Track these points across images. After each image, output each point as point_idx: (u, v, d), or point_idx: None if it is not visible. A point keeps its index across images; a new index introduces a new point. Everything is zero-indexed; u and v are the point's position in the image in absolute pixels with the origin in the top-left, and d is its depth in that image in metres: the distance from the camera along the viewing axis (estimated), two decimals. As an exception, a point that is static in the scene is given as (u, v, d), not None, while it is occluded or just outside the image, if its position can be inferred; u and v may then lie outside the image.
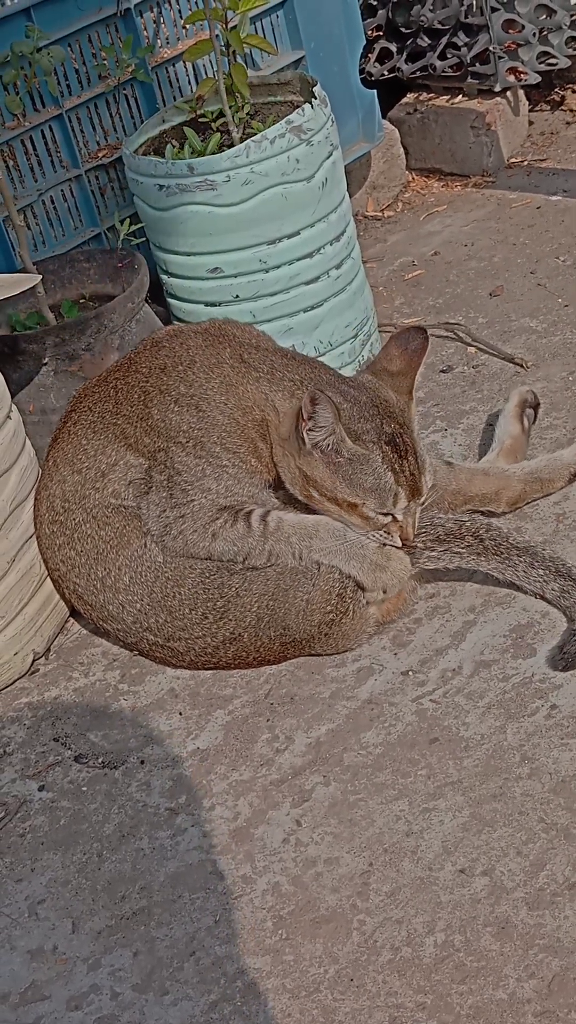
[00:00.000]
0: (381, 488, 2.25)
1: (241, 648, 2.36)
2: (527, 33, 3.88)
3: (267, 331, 2.90)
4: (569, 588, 2.31)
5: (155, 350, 2.47)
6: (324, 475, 2.27)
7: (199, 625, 2.35)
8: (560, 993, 1.74)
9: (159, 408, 2.38)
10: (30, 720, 2.44)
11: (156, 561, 2.36)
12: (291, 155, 2.87)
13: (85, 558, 2.42)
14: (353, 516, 2.29)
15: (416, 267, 3.65)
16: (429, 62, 4.00)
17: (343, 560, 2.31)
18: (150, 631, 2.40)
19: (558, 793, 2.01)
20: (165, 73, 3.32)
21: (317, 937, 1.90)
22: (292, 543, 2.31)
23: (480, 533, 2.36)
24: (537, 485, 2.57)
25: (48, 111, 3.12)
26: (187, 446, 2.34)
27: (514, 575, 2.34)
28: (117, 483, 2.39)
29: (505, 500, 2.54)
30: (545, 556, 2.34)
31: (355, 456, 2.25)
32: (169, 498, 2.34)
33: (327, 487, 2.28)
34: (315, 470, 2.28)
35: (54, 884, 2.10)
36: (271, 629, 2.34)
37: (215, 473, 2.33)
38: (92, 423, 2.45)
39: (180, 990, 1.88)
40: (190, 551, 2.34)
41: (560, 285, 3.37)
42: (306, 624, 2.33)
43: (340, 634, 2.36)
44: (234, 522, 2.31)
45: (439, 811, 2.04)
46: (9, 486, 2.47)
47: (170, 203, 2.91)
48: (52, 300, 2.95)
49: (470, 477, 2.51)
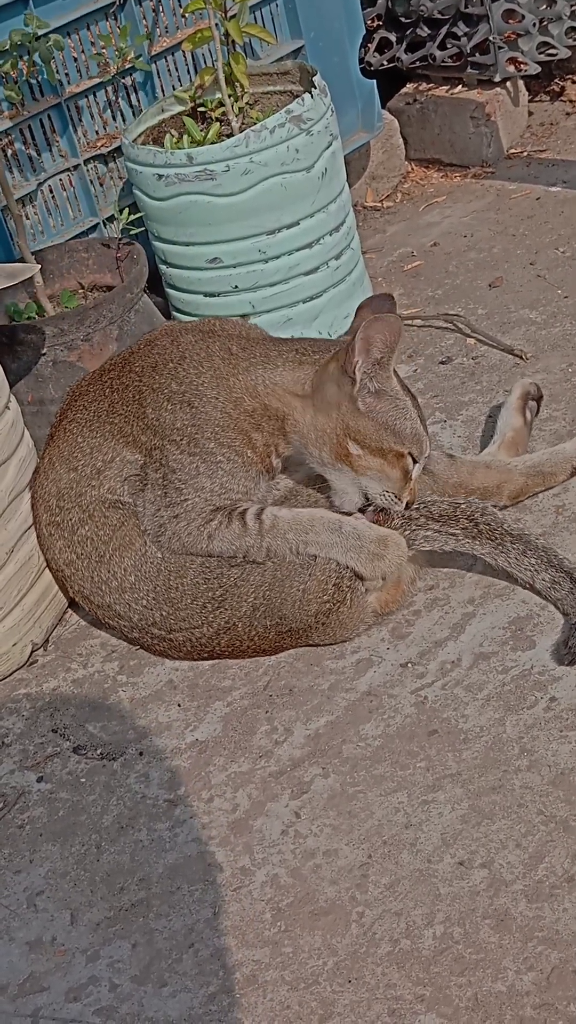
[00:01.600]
0: (417, 435, 2.31)
1: (235, 637, 2.36)
2: (527, 23, 3.87)
3: (266, 321, 2.92)
4: (560, 579, 2.32)
5: (148, 348, 2.47)
6: (369, 427, 2.29)
7: (199, 615, 2.35)
8: (559, 985, 1.74)
9: (153, 406, 2.38)
10: (28, 711, 2.44)
11: (156, 557, 2.36)
12: (291, 145, 2.87)
13: (87, 561, 2.42)
14: (395, 469, 2.30)
15: (415, 258, 3.64)
16: (429, 52, 3.99)
17: (340, 552, 2.32)
18: (156, 625, 2.40)
19: (557, 785, 2.01)
20: (164, 62, 3.31)
21: (316, 929, 1.90)
22: (288, 539, 2.31)
23: (475, 516, 2.37)
24: (539, 479, 2.57)
25: (47, 100, 3.11)
26: (181, 443, 2.34)
27: (506, 561, 2.35)
28: (113, 480, 2.39)
29: (507, 494, 2.55)
30: (538, 545, 2.35)
31: (396, 398, 2.29)
32: (163, 496, 2.34)
33: (372, 438, 2.29)
34: (361, 421, 2.29)
35: (53, 875, 2.10)
36: (266, 619, 2.34)
37: (209, 470, 2.33)
38: (88, 421, 2.45)
39: (179, 982, 1.88)
40: (188, 551, 2.34)
41: (559, 276, 3.36)
42: (302, 614, 2.33)
43: (337, 623, 2.35)
44: (229, 522, 2.31)
45: (438, 803, 2.04)
46: (8, 477, 2.46)
47: (169, 193, 2.90)
48: (51, 290, 2.94)
49: (472, 470, 2.51)
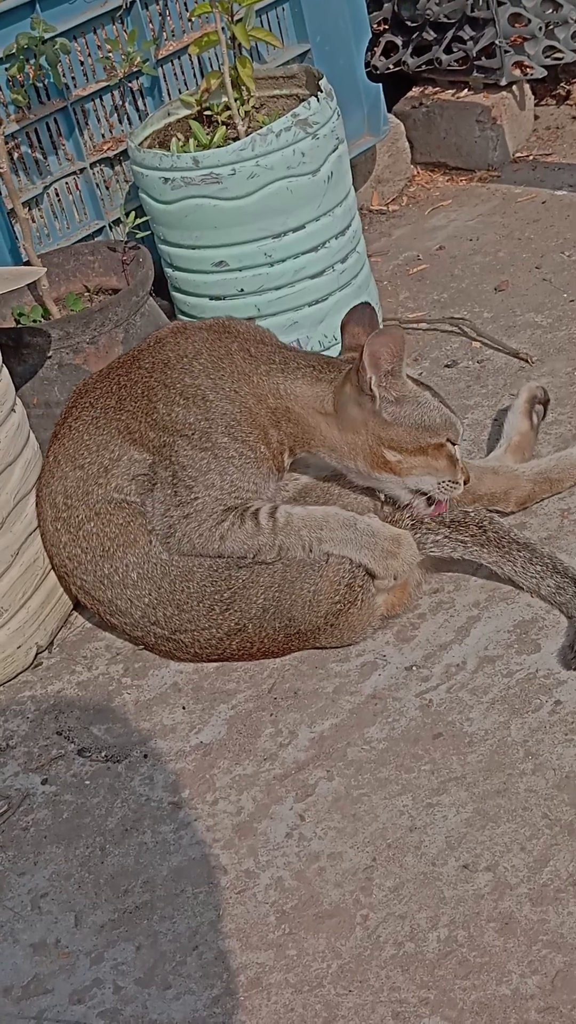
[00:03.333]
0: (448, 420, 2.32)
1: (245, 639, 2.36)
2: (533, 27, 3.87)
3: (272, 325, 2.91)
4: (565, 584, 2.32)
5: (159, 347, 2.46)
6: (400, 432, 2.30)
7: (205, 617, 2.35)
8: (564, 989, 1.74)
9: (164, 402, 2.37)
10: (33, 713, 2.44)
11: (162, 558, 2.36)
12: (297, 148, 2.87)
13: (91, 555, 2.42)
14: (440, 459, 2.31)
15: (421, 261, 3.64)
16: (435, 56, 3.99)
17: (354, 549, 2.31)
18: (158, 624, 2.39)
19: (562, 789, 2.01)
20: (170, 66, 3.32)
21: (320, 932, 1.90)
22: (302, 536, 2.31)
23: (484, 524, 2.38)
24: (546, 485, 2.57)
25: (53, 103, 3.11)
26: (192, 438, 2.33)
27: (512, 570, 2.36)
28: (120, 478, 2.38)
29: (514, 500, 2.55)
30: (543, 553, 2.35)
31: (418, 397, 2.31)
32: (173, 496, 2.33)
33: (408, 441, 2.30)
34: (391, 430, 2.30)
35: (57, 878, 2.10)
36: (276, 620, 2.34)
37: (220, 467, 2.32)
38: (94, 419, 2.44)
39: (183, 984, 1.88)
40: (199, 553, 2.33)
41: (565, 280, 3.36)
42: (312, 615, 2.33)
43: (347, 625, 2.35)
44: (242, 522, 2.30)
45: (443, 806, 2.04)
46: (13, 480, 2.46)
47: (175, 196, 2.91)
48: (56, 293, 2.95)
49: (480, 476, 2.51)
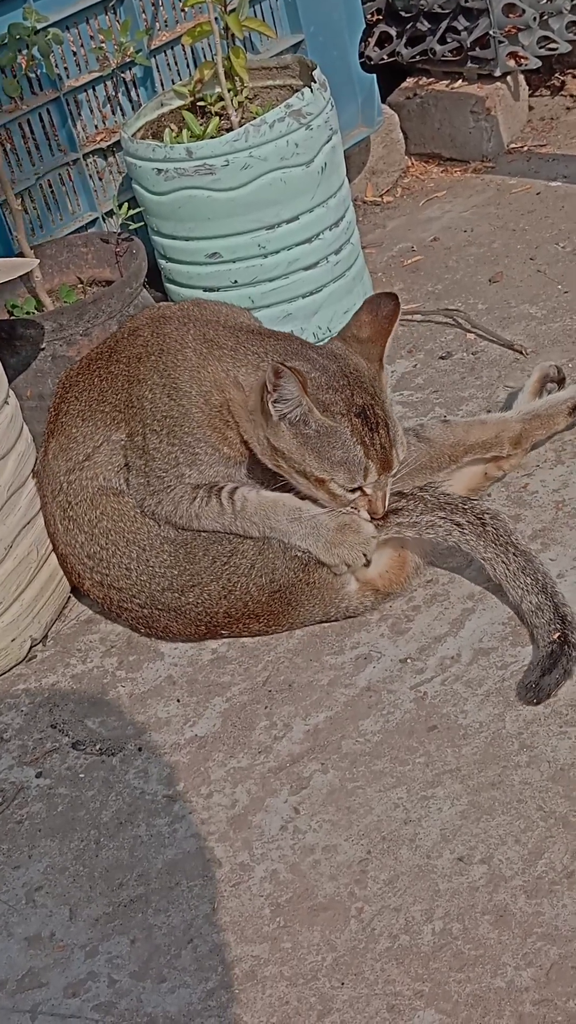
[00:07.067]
0: (351, 462, 2.21)
1: (235, 600, 2.36)
2: (527, 17, 3.86)
3: (266, 316, 2.91)
4: (545, 608, 2.22)
5: (132, 338, 2.47)
6: (292, 447, 2.24)
7: (208, 570, 2.36)
8: (558, 981, 1.74)
9: (137, 396, 2.40)
10: (27, 707, 2.43)
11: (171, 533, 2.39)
12: (290, 139, 2.86)
13: (111, 550, 2.43)
14: (321, 491, 2.26)
15: (415, 253, 3.64)
16: (429, 46, 3.98)
17: (300, 539, 2.31)
18: (170, 588, 2.39)
19: (556, 781, 2.01)
20: (164, 56, 3.30)
21: (315, 925, 1.90)
22: (255, 521, 2.32)
23: (484, 518, 2.31)
24: (537, 422, 2.55)
25: (46, 94, 3.10)
26: (161, 433, 2.35)
27: (504, 572, 2.27)
28: (104, 467, 2.42)
29: (507, 441, 2.51)
30: (538, 568, 2.26)
31: (323, 428, 2.21)
32: (147, 485, 2.37)
33: (296, 460, 2.25)
34: (283, 442, 2.24)
35: (51, 871, 2.10)
36: (261, 576, 2.34)
37: (188, 460, 2.35)
38: (80, 412, 2.48)
39: (178, 977, 1.88)
40: (184, 529, 2.37)
41: (560, 271, 3.35)
42: (288, 569, 2.33)
43: (322, 583, 2.34)
44: (208, 499, 2.33)
45: (437, 799, 2.04)
46: (6, 472, 2.46)
47: (168, 187, 2.90)
48: (49, 285, 2.94)
49: (467, 428, 2.49)
